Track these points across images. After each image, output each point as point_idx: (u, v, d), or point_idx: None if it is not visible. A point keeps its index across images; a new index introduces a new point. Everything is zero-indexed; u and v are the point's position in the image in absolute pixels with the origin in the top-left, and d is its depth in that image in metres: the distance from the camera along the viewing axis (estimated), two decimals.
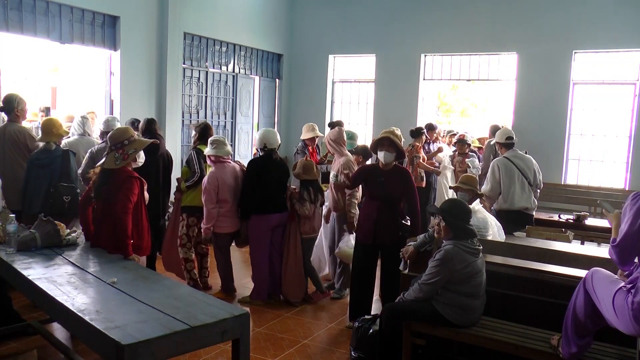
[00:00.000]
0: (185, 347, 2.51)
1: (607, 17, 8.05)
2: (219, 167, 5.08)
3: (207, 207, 5.00)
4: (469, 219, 3.57)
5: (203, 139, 5.39)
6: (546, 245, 4.26)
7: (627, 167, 8.22)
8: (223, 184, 5.03)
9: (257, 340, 4.37)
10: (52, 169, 4.61)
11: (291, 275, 5.19)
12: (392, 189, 4.47)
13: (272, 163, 5.15)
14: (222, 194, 5.03)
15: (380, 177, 4.49)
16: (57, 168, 4.60)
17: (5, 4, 6.06)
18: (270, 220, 5.12)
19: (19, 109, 4.97)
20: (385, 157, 4.48)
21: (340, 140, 5.48)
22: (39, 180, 4.60)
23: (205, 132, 5.45)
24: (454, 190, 5.50)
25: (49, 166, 4.62)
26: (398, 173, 4.57)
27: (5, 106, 5.01)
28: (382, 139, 4.54)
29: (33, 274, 3.18)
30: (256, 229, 5.12)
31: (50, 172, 4.59)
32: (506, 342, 3.25)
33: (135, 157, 3.87)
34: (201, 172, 5.23)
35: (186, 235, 5.25)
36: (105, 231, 3.75)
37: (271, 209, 5.12)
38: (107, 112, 7.38)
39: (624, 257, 2.74)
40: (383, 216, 4.44)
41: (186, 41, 8.27)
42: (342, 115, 10.34)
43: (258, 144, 5.23)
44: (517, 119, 8.64)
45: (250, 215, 5.11)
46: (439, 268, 3.43)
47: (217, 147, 5.06)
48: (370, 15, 9.79)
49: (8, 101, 4.99)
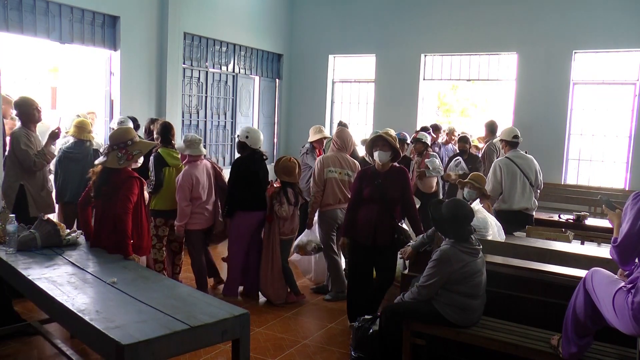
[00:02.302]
0: (185, 347, 2.51)
1: (607, 17, 8.05)
2: (192, 165, 5.13)
3: (181, 204, 5.04)
4: (468, 222, 3.56)
5: (165, 141, 5.29)
6: (546, 245, 4.26)
7: (627, 167, 8.23)
8: (197, 182, 5.09)
9: (257, 340, 4.37)
10: (84, 163, 5.22)
11: (272, 277, 5.21)
12: (389, 191, 4.46)
13: (256, 162, 5.22)
14: (195, 191, 5.08)
15: (377, 179, 4.48)
16: (90, 163, 4.96)
17: (5, 4, 6.06)
18: (254, 217, 5.20)
19: (27, 112, 4.93)
20: (380, 157, 4.46)
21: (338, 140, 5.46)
22: (71, 172, 5.36)
23: (166, 132, 5.31)
24: (461, 186, 5.51)
25: (82, 160, 5.35)
26: (395, 173, 4.55)
27: (17, 110, 4.98)
28: (376, 138, 4.54)
29: (33, 274, 3.18)
30: (239, 225, 5.19)
31: (82, 166, 5.19)
32: (506, 342, 3.25)
33: (138, 158, 3.89)
34: (157, 180, 5.15)
35: (155, 236, 5.23)
36: (105, 231, 3.75)
37: (256, 206, 5.20)
38: (107, 112, 7.39)
39: (624, 257, 2.74)
40: (382, 218, 4.43)
41: (186, 41, 8.27)
42: (342, 115, 10.35)
43: (241, 134, 5.22)
44: (517, 119, 8.63)
45: (235, 211, 5.17)
46: (436, 269, 3.43)
47: (193, 148, 5.11)
48: (370, 15, 9.79)
49: (17, 105, 4.98)
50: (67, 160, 5.45)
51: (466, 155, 7.41)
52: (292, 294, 5.33)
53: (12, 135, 4.95)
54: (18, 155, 4.82)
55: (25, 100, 5.01)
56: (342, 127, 5.98)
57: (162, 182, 5.17)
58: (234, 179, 5.17)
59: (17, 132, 4.91)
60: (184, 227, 5.10)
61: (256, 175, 5.21)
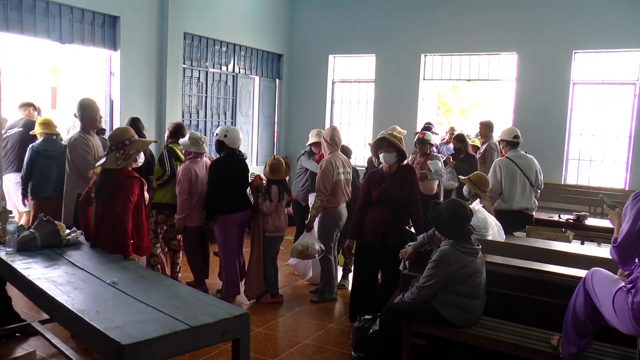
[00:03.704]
0: (185, 347, 2.51)
1: (607, 17, 8.05)
2: (193, 160, 5.19)
3: (181, 198, 5.09)
4: (467, 222, 3.56)
5: (175, 138, 5.50)
6: (546, 245, 4.27)
7: (627, 167, 8.22)
8: (196, 177, 5.12)
9: (257, 340, 4.37)
10: (59, 159, 5.36)
11: (251, 272, 5.23)
12: (397, 192, 4.45)
13: (235, 162, 5.19)
14: (194, 186, 5.12)
15: (385, 181, 4.48)
16: (63, 158, 5.02)
17: (5, 4, 6.06)
18: (235, 218, 5.17)
19: (90, 116, 4.71)
20: (385, 159, 4.46)
21: (336, 139, 5.43)
22: (46, 168, 5.46)
23: (177, 130, 5.54)
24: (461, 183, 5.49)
25: (58, 157, 5.43)
26: (402, 173, 4.55)
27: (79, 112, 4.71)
28: (381, 140, 4.53)
29: (33, 274, 3.18)
30: (222, 228, 5.17)
31: (57, 161, 5.37)
32: (506, 342, 3.25)
33: (136, 157, 3.88)
34: (172, 170, 5.30)
35: (153, 231, 5.26)
36: (105, 231, 3.75)
37: (236, 208, 5.17)
38: (107, 112, 7.38)
39: (624, 257, 2.74)
40: (392, 220, 4.43)
41: (186, 41, 8.27)
42: (342, 116, 10.35)
43: (220, 133, 5.21)
44: (517, 119, 8.63)
45: (216, 215, 5.13)
46: (436, 270, 3.43)
47: (197, 145, 5.19)
48: (370, 15, 9.79)
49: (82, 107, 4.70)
50: (41, 158, 5.52)
51: (463, 154, 7.23)
52: (268, 295, 5.30)
53: (70, 142, 4.70)
54: (75, 162, 4.59)
55: (91, 103, 4.76)
56: (332, 128, 5.79)
57: (175, 173, 5.25)
58: (212, 182, 5.09)
59: (75, 138, 4.66)
60: (183, 220, 5.11)
61: (236, 177, 5.16)
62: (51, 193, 5.48)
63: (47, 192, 5.52)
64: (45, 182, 5.52)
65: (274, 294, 5.33)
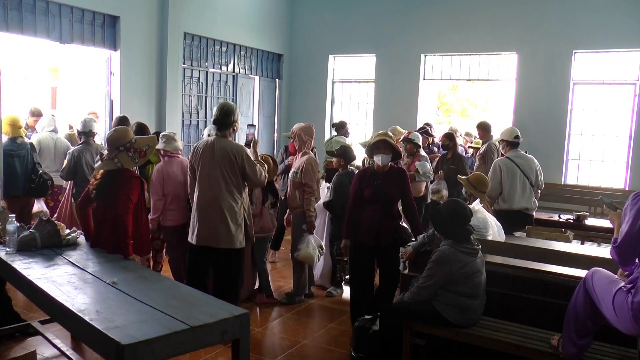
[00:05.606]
0: (185, 347, 2.51)
1: (607, 17, 8.05)
2: (166, 161, 5.13)
3: (153, 198, 5.05)
4: (467, 222, 3.56)
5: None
6: (546, 245, 4.26)
7: (627, 167, 8.23)
8: (168, 178, 5.05)
9: (257, 340, 4.37)
10: (24, 159, 5.58)
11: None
12: (389, 191, 4.46)
13: None
14: (167, 187, 5.04)
15: (377, 180, 4.47)
16: (29, 157, 5.55)
17: (5, 4, 6.07)
18: None
19: (233, 121, 4.26)
20: (382, 160, 4.45)
21: (310, 136, 5.39)
22: (13, 168, 5.53)
23: (141, 133, 5.37)
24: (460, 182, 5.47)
25: (23, 156, 5.60)
26: (394, 173, 4.55)
27: (222, 119, 4.22)
28: (378, 142, 4.51)
29: (33, 274, 3.17)
30: None
31: (23, 161, 5.57)
32: (506, 342, 3.25)
33: (150, 153, 3.93)
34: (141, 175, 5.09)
35: None
36: (105, 231, 3.75)
37: None
38: (107, 112, 7.39)
39: (625, 257, 2.75)
40: (385, 219, 4.43)
41: (186, 41, 8.27)
42: (342, 115, 10.35)
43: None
44: (517, 119, 8.64)
45: None
46: (435, 270, 3.43)
47: (167, 142, 5.11)
48: (370, 15, 9.79)
49: (227, 113, 4.22)
50: (7, 158, 5.45)
51: (450, 153, 6.94)
52: (263, 295, 5.30)
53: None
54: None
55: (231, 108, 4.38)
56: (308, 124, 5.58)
57: (146, 178, 5.20)
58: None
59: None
60: (156, 220, 5.05)
61: None
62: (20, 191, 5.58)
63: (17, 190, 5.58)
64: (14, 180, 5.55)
65: (269, 295, 5.33)
